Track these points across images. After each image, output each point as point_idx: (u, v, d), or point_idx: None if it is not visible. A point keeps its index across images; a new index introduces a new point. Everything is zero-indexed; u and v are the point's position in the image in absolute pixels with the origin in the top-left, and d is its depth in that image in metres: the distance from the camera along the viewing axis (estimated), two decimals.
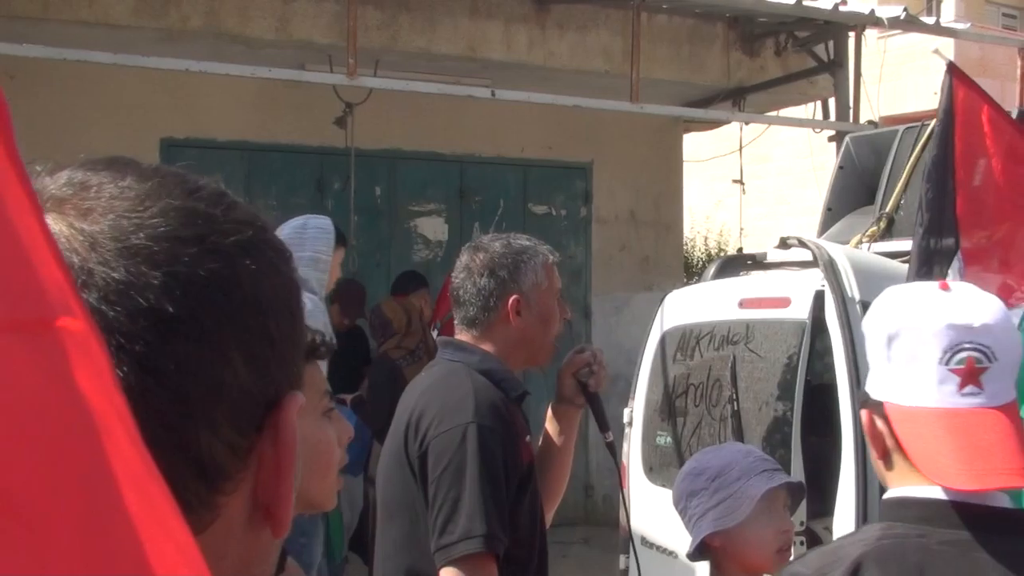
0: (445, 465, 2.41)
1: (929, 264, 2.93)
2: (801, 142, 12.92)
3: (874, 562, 1.52)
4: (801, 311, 3.99)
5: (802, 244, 4.15)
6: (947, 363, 1.53)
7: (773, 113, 9.22)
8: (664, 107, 7.83)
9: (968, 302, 1.58)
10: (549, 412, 2.83)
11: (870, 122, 7.74)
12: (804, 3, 7.49)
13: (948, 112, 2.85)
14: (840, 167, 5.39)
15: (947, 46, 13.91)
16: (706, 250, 15.71)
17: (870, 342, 1.64)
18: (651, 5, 7.70)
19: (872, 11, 7.52)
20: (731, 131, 9.71)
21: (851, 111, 7.92)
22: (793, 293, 4.11)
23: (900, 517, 1.57)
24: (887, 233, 4.72)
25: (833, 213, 5.28)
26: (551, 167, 9.05)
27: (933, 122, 2.94)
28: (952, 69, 2.90)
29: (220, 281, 0.61)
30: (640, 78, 7.18)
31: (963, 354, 1.53)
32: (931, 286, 1.64)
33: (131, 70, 6.62)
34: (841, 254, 3.96)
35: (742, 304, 4.37)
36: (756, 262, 4.81)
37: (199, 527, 0.59)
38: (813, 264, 4.05)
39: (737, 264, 4.92)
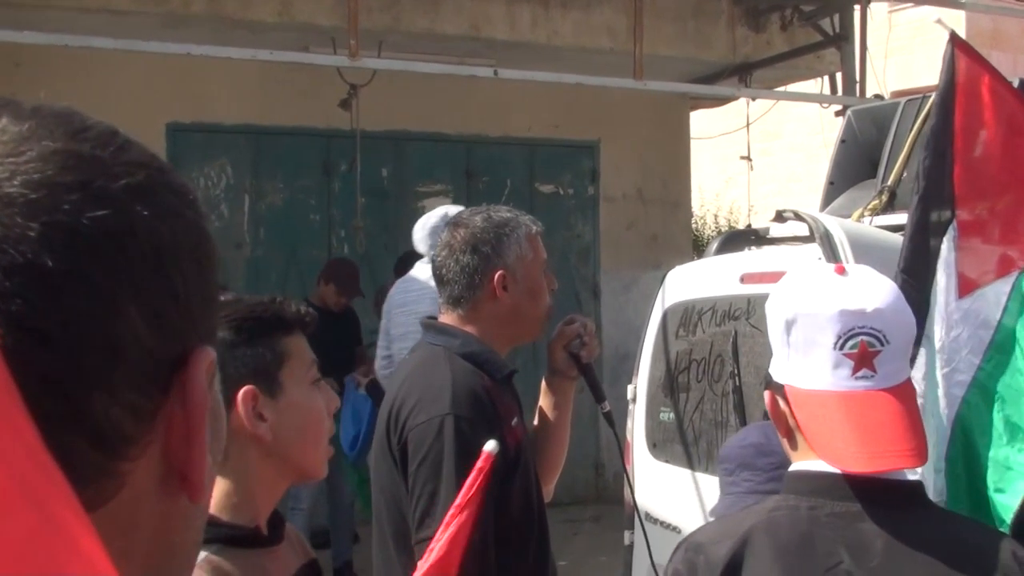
0: (422, 458, 2.38)
1: (925, 234, 2.91)
2: (812, 118, 12.83)
3: (764, 532, 1.58)
4: None
5: (798, 217, 4.14)
6: (841, 348, 1.59)
7: (780, 88, 9.16)
8: (667, 84, 7.79)
9: (862, 287, 1.64)
10: (543, 386, 2.79)
11: (876, 96, 7.69)
12: None
13: (950, 82, 2.83)
14: (842, 140, 5.35)
15: (958, 18, 13.79)
16: (716, 227, 15.65)
17: (771, 326, 1.70)
18: None
19: None
20: (740, 108, 9.65)
21: (857, 85, 7.88)
22: (792, 267, 4.10)
23: (796, 490, 1.63)
24: (889, 206, 4.69)
25: (835, 187, 5.23)
26: (558, 146, 9.03)
27: (934, 94, 2.92)
28: (954, 39, 2.88)
29: (108, 230, 0.55)
30: (645, 55, 7.14)
31: (856, 339, 1.59)
32: (828, 270, 1.70)
33: (135, 56, 6.64)
34: (837, 226, 3.94)
35: (743, 279, 4.36)
36: (759, 237, 4.79)
37: (103, 498, 0.56)
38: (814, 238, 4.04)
39: (740, 239, 4.90)
